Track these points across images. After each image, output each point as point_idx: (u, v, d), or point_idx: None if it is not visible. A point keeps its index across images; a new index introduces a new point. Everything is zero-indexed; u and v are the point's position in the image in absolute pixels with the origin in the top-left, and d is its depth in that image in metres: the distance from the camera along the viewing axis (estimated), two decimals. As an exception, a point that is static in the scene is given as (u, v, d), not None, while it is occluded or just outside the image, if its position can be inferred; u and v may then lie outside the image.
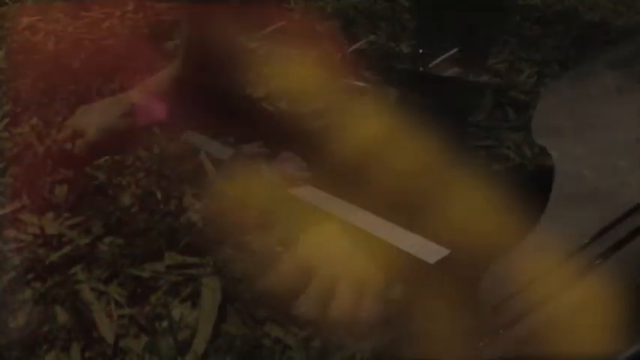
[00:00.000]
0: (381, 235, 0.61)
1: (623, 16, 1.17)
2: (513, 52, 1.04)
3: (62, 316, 0.57)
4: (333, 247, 0.63)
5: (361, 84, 0.93)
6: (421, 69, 0.77)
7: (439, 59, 0.76)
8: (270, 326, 0.57)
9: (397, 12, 1.10)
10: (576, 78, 1.01)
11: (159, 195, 0.69)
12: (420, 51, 0.78)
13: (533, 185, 0.78)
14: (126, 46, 0.87)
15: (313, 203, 0.66)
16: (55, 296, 0.59)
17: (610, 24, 1.14)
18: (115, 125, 0.76)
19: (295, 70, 0.96)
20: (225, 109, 0.78)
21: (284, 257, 0.63)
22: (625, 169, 0.82)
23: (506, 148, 0.86)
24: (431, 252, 0.58)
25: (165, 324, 0.56)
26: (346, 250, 0.63)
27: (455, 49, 0.73)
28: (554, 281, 0.53)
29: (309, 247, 0.64)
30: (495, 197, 0.63)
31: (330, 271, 0.61)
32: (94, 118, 0.76)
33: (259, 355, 0.54)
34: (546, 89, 0.98)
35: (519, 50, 1.05)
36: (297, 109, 0.88)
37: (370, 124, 0.84)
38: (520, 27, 1.11)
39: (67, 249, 0.63)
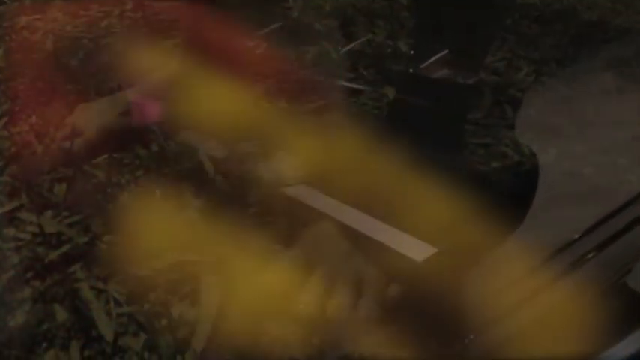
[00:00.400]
0: (371, 234, 0.62)
1: (622, 15, 1.17)
2: (511, 50, 1.04)
3: (61, 314, 0.57)
4: (331, 246, 0.63)
5: (356, 85, 0.93)
6: (417, 70, 0.77)
7: (431, 60, 0.76)
8: (269, 324, 0.57)
9: (395, 10, 1.10)
10: (575, 77, 1.01)
11: (158, 194, 0.69)
12: (412, 52, 0.78)
13: (518, 185, 0.78)
14: (124, 45, 0.87)
15: (307, 202, 0.67)
16: (55, 294, 0.59)
17: (608, 23, 1.14)
18: (114, 124, 0.76)
19: (291, 70, 0.96)
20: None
21: (282, 256, 0.63)
22: (624, 167, 0.83)
23: (504, 146, 0.86)
24: (419, 250, 0.60)
25: (164, 322, 0.56)
26: (343, 249, 0.63)
27: (445, 51, 0.73)
28: (541, 278, 0.54)
29: (307, 245, 0.64)
30: (482, 196, 0.64)
31: (328, 269, 0.61)
32: (92, 117, 0.76)
33: (259, 353, 0.54)
34: (545, 88, 0.98)
35: (517, 48, 1.05)
36: (291, 110, 0.88)
37: (363, 125, 0.85)
38: (518, 25, 1.11)
39: (66, 247, 0.63)
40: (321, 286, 0.60)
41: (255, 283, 0.60)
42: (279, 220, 0.67)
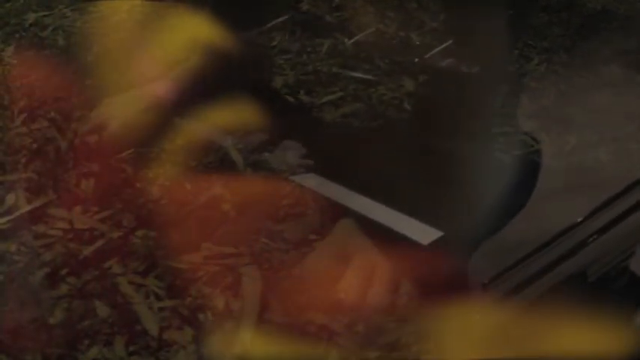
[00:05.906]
0: (379, 220, 0.63)
1: (624, 4, 1.18)
2: (522, 40, 1.04)
3: (102, 310, 0.56)
4: (366, 235, 0.63)
5: (369, 76, 0.94)
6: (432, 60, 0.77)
7: (435, 50, 0.76)
8: (313, 313, 0.56)
9: (405, 1, 1.10)
10: (584, 66, 1.02)
11: (188, 186, 0.68)
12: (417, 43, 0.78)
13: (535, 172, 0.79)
14: (138, 40, 0.85)
15: (316, 190, 0.68)
16: (93, 290, 0.58)
17: (613, 12, 1.16)
18: (139, 118, 0.75)
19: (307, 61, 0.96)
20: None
21: (319, 245, 0.63)
22: (638, 154, 0.84)
23: (523, 134, 0.86)
24: (425, 234, 0.61)
25: (208, 314, 0.56)
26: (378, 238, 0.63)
27: (449, 42, 0.73)
28: (544, 259, 0.54)
29: (341, 234, 0.64)
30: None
31: (366, 257, 0.61)
32: (117, 111, 0.75)
33: (306, 342, 0.54)
34: (556, 77, 0.99)
35: (527, 38, 1.06)
36: (311, 100, 0.88)
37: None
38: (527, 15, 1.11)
39: (99, 243, 0.62)
40: (360, 273, 0.60)
41: (295, 274, 0.60)
42: (312, 210, 0.67)
